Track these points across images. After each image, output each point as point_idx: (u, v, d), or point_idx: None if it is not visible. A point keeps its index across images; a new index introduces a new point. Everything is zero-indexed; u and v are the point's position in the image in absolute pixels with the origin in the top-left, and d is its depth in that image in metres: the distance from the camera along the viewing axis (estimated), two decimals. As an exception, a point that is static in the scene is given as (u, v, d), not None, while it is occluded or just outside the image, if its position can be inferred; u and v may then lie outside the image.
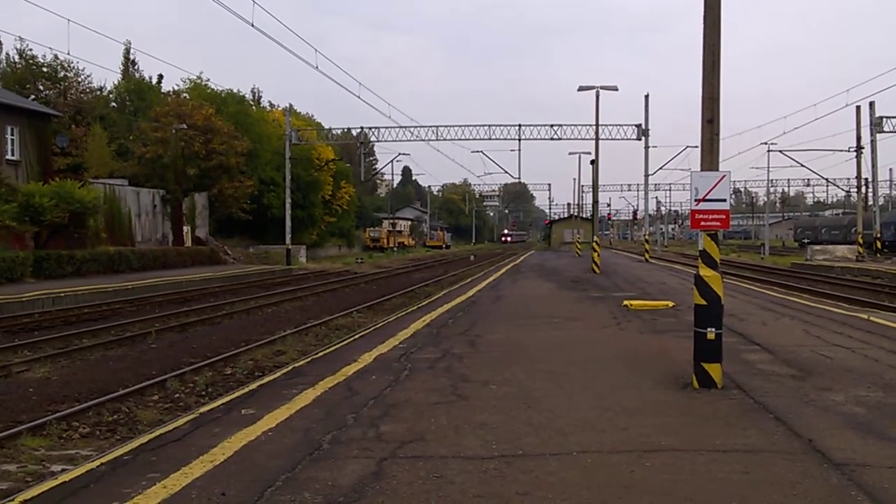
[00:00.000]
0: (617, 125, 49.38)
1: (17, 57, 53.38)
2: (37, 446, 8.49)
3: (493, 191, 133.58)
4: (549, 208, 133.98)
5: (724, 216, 8.25)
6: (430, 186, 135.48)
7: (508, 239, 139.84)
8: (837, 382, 8.48)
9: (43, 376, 12.63)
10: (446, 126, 51.16)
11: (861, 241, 44.99)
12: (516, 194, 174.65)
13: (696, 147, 8.80)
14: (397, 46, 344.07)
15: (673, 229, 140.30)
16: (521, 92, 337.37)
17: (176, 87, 61.29)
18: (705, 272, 8.15)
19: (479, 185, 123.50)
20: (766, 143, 62.44)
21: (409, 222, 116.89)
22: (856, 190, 50.74)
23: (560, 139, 49.78)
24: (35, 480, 6.97)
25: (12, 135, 35.25)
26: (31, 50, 51.47)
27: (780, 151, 59.71)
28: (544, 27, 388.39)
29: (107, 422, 9.69)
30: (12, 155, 35.12)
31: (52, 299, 22.75)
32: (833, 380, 8.63)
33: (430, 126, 51.46)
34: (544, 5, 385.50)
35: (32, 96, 46.04)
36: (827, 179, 74.12)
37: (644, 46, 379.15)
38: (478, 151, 61.15)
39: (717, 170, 8.37)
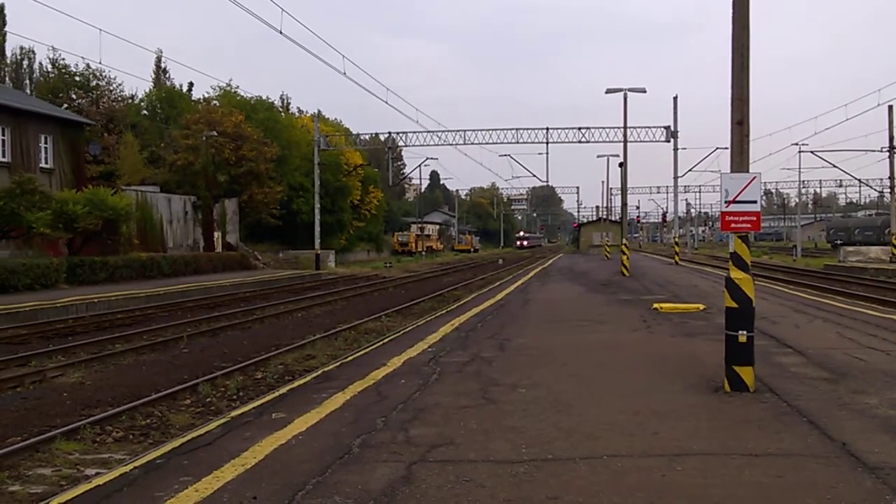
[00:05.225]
0: (645, 127, 49.23)
1: (50, 66, 54.32)
2: (71, 450, 8.59)
3: (521, 194, 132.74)
4: (578, 211, 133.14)
5: (754, 218, 8.17)
6: (457, 190, 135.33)
7: (524, 243, 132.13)
8: (872, 385, 8.37)
9: (77, 381, 12.78)
10: (473, 130, 51.36)
11: (895, 241, 44.29)
12: (544, 198, 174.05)
13: (726, 149, 8.73)
14: (422, 51, 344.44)
15: (703, 231, 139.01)
16: (549, 95, 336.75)
17: (206, 95, 61.98)
18: (736, 274, 8.08)
19: (506, 188, 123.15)
20: (797, 144, 61.91)
21: (438, 226, 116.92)
22: (889, 190, 49.96)
23: (588, 142, 49.74)
24: (69, 484, 7.06)
25: (46, 143, 35.78)
26: (63, 60, 52.27)
27: (812, 152, 59.13)
28: (572, 32, 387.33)
29: (140, 426, 9.78)
30: (46, 163, 35.64)
31: (86, 305, 23.04)
32: (867, 383, 8.51)
33: (458, 130, 51.77)
34: (573, 12, 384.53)
35: (65, 105, 46.65)
36: (859, 180, 73.03)
37: (673, 50, 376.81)
38: (505, 155, 61.32)
39: (747, 171, 8.30)
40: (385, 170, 70.23)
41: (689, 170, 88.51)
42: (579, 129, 49.75)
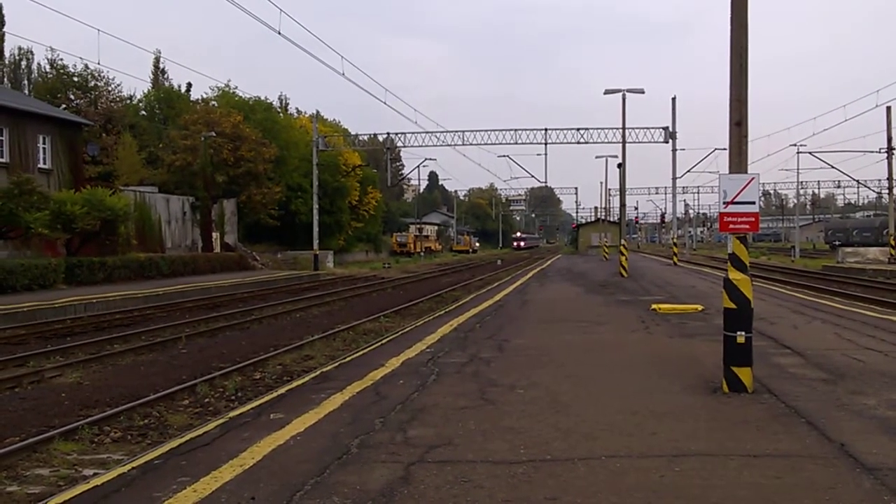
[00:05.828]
0: (644, 128, 49.27)
1: (48, 67, 54.25)
2: (69, 451, 8.58)
3: (520, 195, 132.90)
4: (577, 212, 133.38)
5: (753, 219, 8.17)
6: (456, 191, 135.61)
7: (521, 244, 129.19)
8: (870, 386, 8.37)
9: (75, 381, 12.77)
10: (472, 131, 51.45)
11: (893, 242, 44.32)
12: (543, 198, 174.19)
13: (725, 149, 8.74)
14: (422, 51, 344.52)
15: (701, 232, 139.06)
16: (548, 95, 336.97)
17: (204, 96, 62.03)
18: (735, 275, 8.08)
19: (505, 189, 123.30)
20: (795, 145, 62.07)
21: (436, 227, 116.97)
22: (887, 191, 49.99)
23: (587, 143, 49.77)
24: (67, 484, 7.05)
25: (44, 143, 35.74)
26: (61, 60, 52.15)
27: (810, 153, 59.28)
28: (572, 32, 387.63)
29: (138, 426, 9.78)
30: (44, 163, 35.60)
31: (84, 305, 23.02)
32: (865, 383, 8.52)
33: (456, 131, 51.86)
34: (573, 12, 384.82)
35: (63, 106, 46.55)
36: (858, 181, 73.11)
37: (673, 50, 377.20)
38: (504, 156, 61.15)
39: (745, 172, 8.29)
40: (383, 170, 70.13)
41: (688, 171, 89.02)
42: (578, 129, 49.79)
